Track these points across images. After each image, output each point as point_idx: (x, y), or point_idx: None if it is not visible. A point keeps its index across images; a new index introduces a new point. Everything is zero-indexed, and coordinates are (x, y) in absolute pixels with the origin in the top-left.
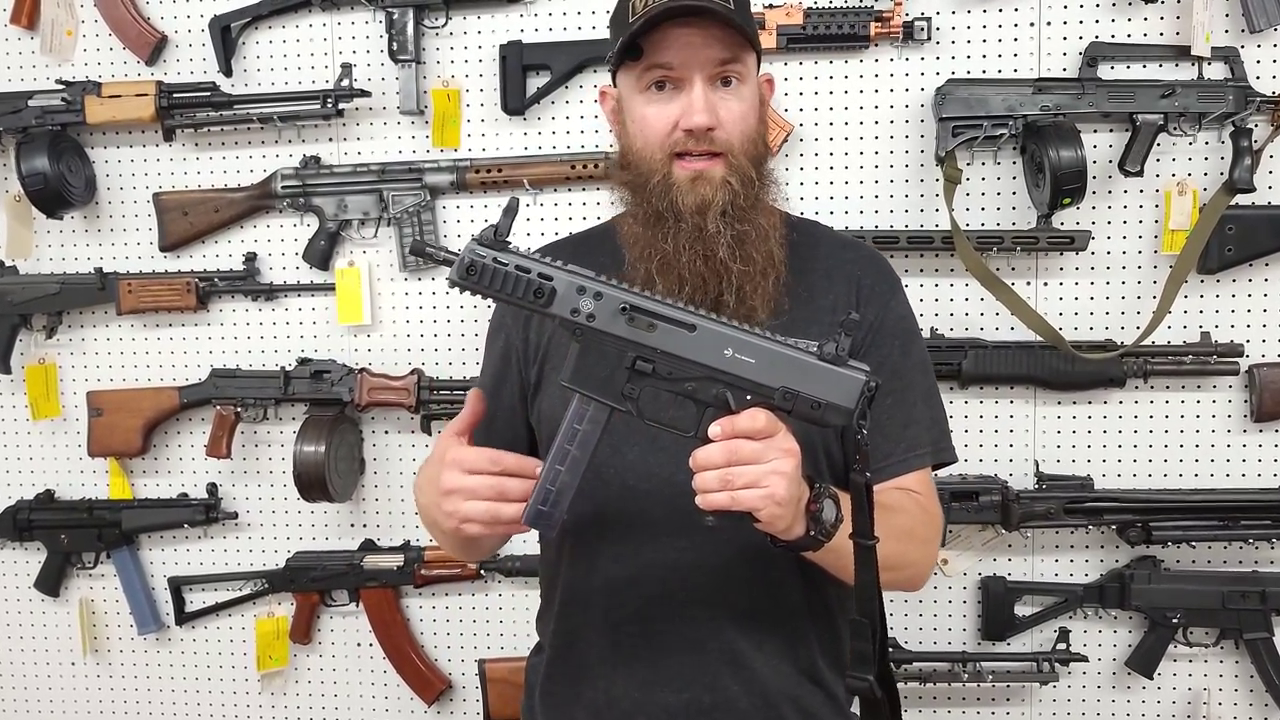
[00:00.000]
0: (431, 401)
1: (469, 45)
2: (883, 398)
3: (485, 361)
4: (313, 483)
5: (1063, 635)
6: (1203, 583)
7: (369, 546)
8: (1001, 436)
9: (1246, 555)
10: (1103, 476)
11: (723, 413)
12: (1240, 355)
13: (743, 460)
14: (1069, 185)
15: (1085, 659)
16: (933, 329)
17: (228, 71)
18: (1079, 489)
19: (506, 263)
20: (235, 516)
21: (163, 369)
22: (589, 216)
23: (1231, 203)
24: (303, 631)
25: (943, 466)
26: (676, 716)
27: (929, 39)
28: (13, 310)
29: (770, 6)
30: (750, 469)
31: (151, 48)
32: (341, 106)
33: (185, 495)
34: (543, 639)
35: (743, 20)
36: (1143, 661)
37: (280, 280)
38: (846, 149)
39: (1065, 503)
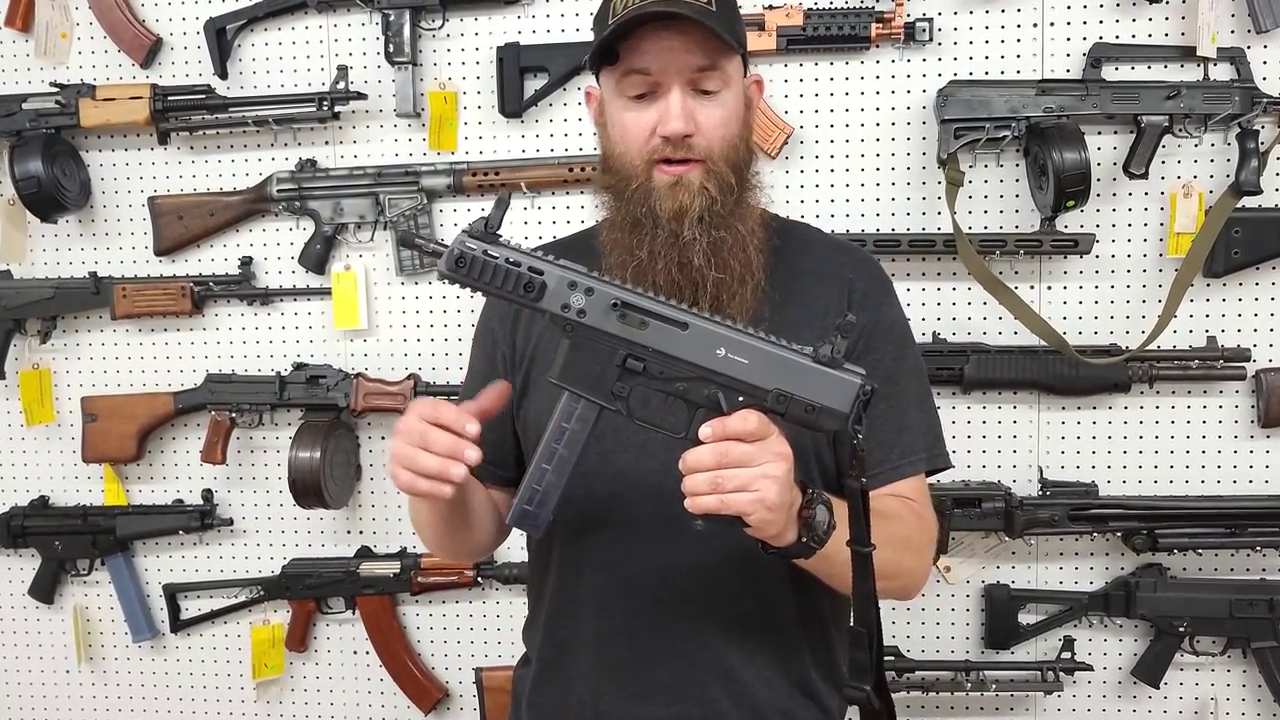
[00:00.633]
0: None
1: (466, 47)
2: (877, 403)
3: (471, 364)
4: (308, 489)
5: (1067, 644)
6: (1210, 591)
7: (365, 553)
8: (1005, 442)
9: (1254, 563)
10: (1108, 483)
11: (714, 414)
12: (1247, 360)
13: (733, 463)
14: (1073, 188)
15: (1090, 668)
16: (935, 333)
17: (223, 74)
18: (1084, 495)
19: (497, 256)
20: (231, 523)
21: (157, 374)
22: (587, 220)
23: (1238, 205)
24: (298, 639)
25: (937, 473)
26: None
27: (931, 40)
28: (6, 315)
29: (770, 7)
30: (741, 472)
31: (146, 50)
32: (337, 109)
33: (180, 501)
34: (530, 651)
35: (724, 24)
36: (1149, 671)
37: (276, 284)
38: (847, 151)
39: (1070, 509)
